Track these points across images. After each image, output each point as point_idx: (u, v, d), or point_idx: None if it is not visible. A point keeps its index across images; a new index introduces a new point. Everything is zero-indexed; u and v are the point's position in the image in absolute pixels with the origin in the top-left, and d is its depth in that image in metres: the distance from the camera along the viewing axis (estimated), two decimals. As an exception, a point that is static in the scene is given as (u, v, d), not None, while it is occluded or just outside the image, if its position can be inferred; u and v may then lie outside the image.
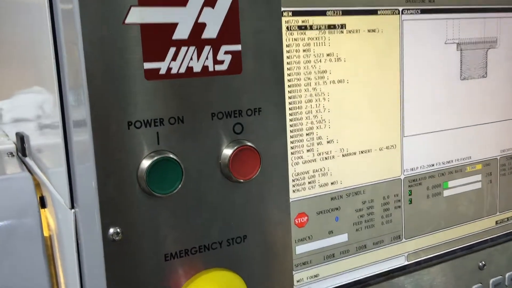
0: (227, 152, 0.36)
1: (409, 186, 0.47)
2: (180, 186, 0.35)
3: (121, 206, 0.34)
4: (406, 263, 0.48)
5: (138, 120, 0.34)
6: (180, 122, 0.35)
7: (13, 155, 0.66)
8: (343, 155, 0.43)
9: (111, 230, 0.33)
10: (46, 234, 0.52)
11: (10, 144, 0.71)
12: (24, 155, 0.63)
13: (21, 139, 0.63)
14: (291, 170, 0.41)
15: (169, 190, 0.34)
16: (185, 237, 0.36)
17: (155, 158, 0.34)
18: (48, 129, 0.46)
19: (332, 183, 0.43)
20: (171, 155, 0.34)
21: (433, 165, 0.48)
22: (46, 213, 0.53)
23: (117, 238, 0.33)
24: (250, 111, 0.37)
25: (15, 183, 0.52)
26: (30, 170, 0.56)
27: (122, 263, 0.34)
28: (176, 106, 0.35)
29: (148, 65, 0.33)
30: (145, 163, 0.34)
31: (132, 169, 0.34)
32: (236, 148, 0.36)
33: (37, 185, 0.53)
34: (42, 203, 0.53)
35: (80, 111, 0.33)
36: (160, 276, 0.35)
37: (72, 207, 0.39)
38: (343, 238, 0.44)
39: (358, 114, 0.43)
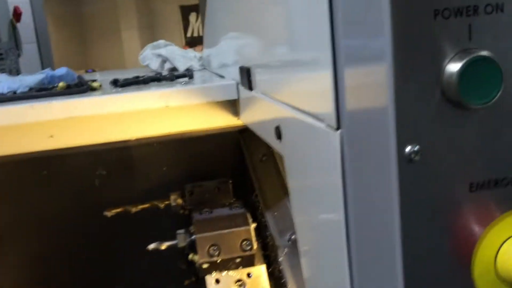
0: (560, 52, 0.27)
1: None
2: (498, 95, 0.26)
3: (421, 119, 0.27)
4: None
5: (446, 7, 0.26)
6: (499, 11, 0.26)
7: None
8: None
9: (409, 148, 0.27)
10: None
11: (231, 81, 0.71)
12: (250, 88, 0.61)
13: (247, 71, 0.61)
14: None
15: (485, 99, 0.26)
16: (496, 164, 0.28)
17: (469, 57, 0.26)
18: (301, 39, 0.41)
19: None
20: (488, 54, 0.26)
21: None
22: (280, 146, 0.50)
23: (415, 158, 0.27)
24: None
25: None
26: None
27: (419, 189, 0.27)
28: (495, -11, 0.26)
29: None
30: (455, 64, 0.26)
31: (437, 72, 0.26)
32: None
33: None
34: (278, 134, 0.49)
35: (375, -2, 0.27)
36: (462, 208, 0.28)
37: (338, 128, 0.34)
38: None
39: None
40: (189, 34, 4.24)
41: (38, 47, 1.98)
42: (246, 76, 0.61)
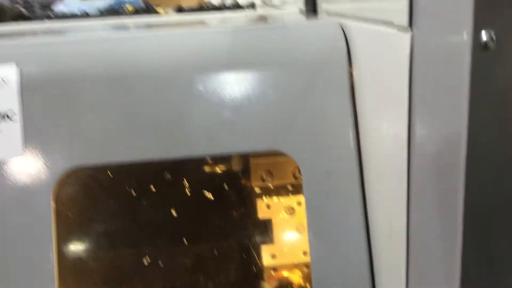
0: None
1: None
2: None
3: (501, 4, 0.27)
4: None
5: None
6: None
7: (303, 12, 0.65)
8: None
9: (484, 34, 0.27)
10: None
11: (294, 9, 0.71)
12: (315, 11, 0.61)
13: (312, -4, 0.61)
14: None
15: None
16: None
17: None
18: None
19: None
20: None
21: None
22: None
23: (490, 45, 0.27)
24: None
25: (325, 28, 0.50)
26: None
27: (491, 78, 0.28)
28: None
29: None
30: None
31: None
32: None
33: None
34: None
35: None
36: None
37: (409, 28, 0.34)
38: None
39: None
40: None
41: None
42: (312, 1, 0.61)
